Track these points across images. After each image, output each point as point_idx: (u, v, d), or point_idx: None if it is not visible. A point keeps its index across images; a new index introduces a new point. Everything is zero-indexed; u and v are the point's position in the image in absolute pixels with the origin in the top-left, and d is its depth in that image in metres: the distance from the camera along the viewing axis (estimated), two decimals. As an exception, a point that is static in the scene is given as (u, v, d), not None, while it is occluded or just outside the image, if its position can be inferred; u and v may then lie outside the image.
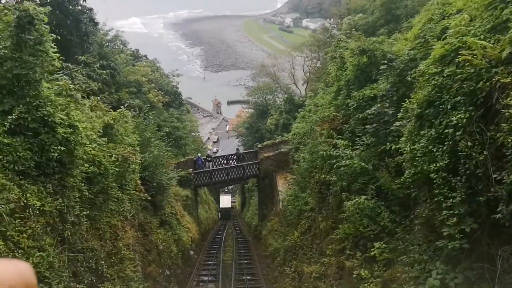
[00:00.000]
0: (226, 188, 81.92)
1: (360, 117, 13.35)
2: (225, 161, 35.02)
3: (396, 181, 10.06)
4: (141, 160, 16.82)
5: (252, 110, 71.34)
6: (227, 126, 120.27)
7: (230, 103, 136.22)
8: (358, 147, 12.72)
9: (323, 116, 14.92)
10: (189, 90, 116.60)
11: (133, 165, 15.14)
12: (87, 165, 9.22)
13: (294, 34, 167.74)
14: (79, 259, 8.90)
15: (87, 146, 8.94)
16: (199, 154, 34.84)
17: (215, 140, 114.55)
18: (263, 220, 34.63)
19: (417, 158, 7.47)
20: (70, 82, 11.52)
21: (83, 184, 9.34)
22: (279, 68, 76.15)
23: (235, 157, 35.00)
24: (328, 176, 13.81)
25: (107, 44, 34.78)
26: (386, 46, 14.58)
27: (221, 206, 54.59)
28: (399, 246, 9.54)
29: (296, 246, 17.96)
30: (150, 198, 16.50)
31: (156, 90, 37.32)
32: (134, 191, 14.90)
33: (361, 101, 13.68)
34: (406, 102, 8.94)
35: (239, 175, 33.88)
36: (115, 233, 12.46)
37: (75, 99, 11.62)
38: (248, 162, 34.57)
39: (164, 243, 17.38)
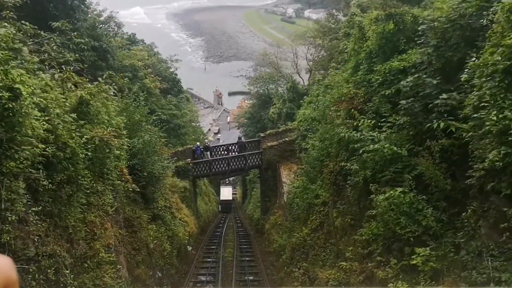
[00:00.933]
0: (227, 179, 79.85)
1: (386, 93, 11.04)
2: (226, 151, 32.69)
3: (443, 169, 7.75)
4: (128, 146, 14.54)
5: (254, 100, 69.28)
6: (228, 117, 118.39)
7: (231, 94, 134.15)
8: (384, 129, 10.42)
9: (341, 94, 12.59)
10: (190, 81, 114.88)
11: (118, 151, 12.87)
12: (43, 146, 6.92)
13: (296, 24, 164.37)
14: (31, 270, 6.64)
15: (38, 120, 6.63)
16: (198, 143, 32.54)
17: (216, 131, 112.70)
18: (266, 213, 32.40)
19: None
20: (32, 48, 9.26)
21: (37, 171, 7.07)
22: (281, 57, 73.88)
23: (236, 147, 32.68)
24: (347, 164, 11.50)
25: (100, 26, 32.37)
26: (416, 12, 12.21)
27: (221, 199, 51.91)
28: (449, 254, 7.28)
29: (306, 245, 15.72)
30: (138, 190, 14.22)
31: (153, 76, 34.94)
32: (119, 182, 12.62)
33: (388, 75, 11.36)
34: (473, 60, 6.59)
35: (240, 166, 31.59)
36: (92, 231, 10.20)
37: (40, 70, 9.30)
38: (250, 151, 32.27)
39: (155, 241, 15.13)
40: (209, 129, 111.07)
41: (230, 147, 32.84)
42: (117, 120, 12.69)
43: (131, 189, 13.85)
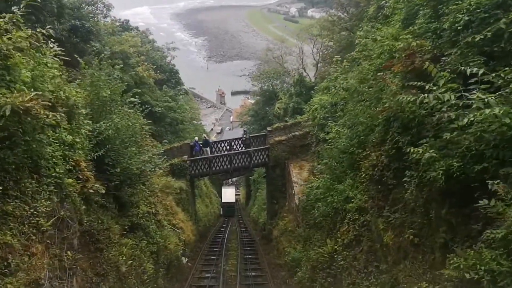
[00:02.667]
0: (230, 180, 75.10)
1: (476, 39, 6.89)
2: (228, 147, 28.53)
3: None
4: (91, 132, 10.46)
5: (258, 97, 65.70)
6: (231, 117, 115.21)
7: (234, 93, 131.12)
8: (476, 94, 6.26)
9: (398, 49, 8.43)
10: (192, 80, 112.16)
11: (70, 136, 8.78)
12: None
13: (299, 24, 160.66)
14: None
15: None
16: (196, 138, 28.37)
17: (219, 131, 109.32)
18: (274, 217, 28.24)
19: None
20: None
21: None
22: (286, 51, 70.28)
23: (240, 142, 28.54)
24: (407, 151, 7.30)
25: (86, 7, 28.41)
26: None
27: (223, 201, 47.05)
28: None
29: (334, 265, 11.56)
30: (104, 191, 10.07)
31: (146, 64, 30.87)
32: (70, 180, 8.53)
33: (476, 12, 7.21)
34: None
35: (244, 164, 27.43)
36: (5, 262, 6.11)
37: None
38: (256, 147, 28.13)
39: (131, 261, 10.98)
40: (212, 129, 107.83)
41: (233, 143, 28.67)
42: (67, 91, 8.58)
43: (94, 191, 9.73)
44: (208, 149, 27.65)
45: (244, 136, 28.39)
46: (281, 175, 28.28)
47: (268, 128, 29.45)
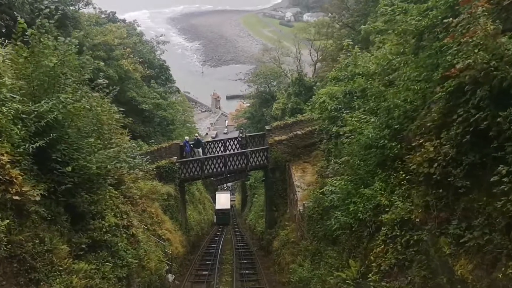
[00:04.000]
0: (225, 185, 71.34)
1: None
2: (222, 148, 25.39)
3: None
4: (28, 115, 7.33)
5: (254, 99, 63.09)
6: (226, 121, 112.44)
7: (229, 98, 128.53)
8: None
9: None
10: (187, 84, 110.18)
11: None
12: None
13: (294, 28, 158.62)
14: None
15: None
16: (186, 138, 25.19)
17: (214, 135, 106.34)
18: (273, 226, 25.10)
19: None
20: None
21: None
22: (284, 52, 67.88)
23: (236, 142, 25.44)
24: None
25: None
26: None
27: (217, 207, 42.79)
28: None
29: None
30: (38, 198, 6.90)
31: (133, 57, 27.76)
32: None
33: None
34: None
35: (240, 166, 24.29)
36: None
37: None
38: (253, 148, 25.05)
39: (85, 295, 7.82)
40: (207, 133, 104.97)
41: (228, 143, 25.56)
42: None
43: (19, 198, 6.57)
44: (200, 150, 24.53)
45: (241, 135, 25.30)
46: (281, 179, 25.21)
47: (267, 127, 26.44)
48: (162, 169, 22.32)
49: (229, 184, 72.21)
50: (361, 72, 12.73)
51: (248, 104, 69.41)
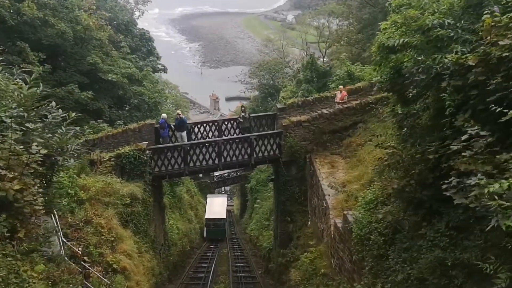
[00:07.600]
0: (223, 189, 62.18)
1: None
2: (216, 132, 17.57)
3: None
4: None
5: (256, 92, 56.46)
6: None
7: (228, 99, 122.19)
8: None
9: None
10: (185, 85, 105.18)
11: None
12: None
13: (296, 30, 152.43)
14: None
15: None
16: (164, 115, 17.15)
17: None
18: (287, 244, 17.21)
19: None
20: None
21: None
22: (288, 43, 61.13)
23: (235, 124, 17.68)
24: None
25: None
26: None
27: (207, 216, 32.04)
28: None
29: None
30: None
31: (94, 9, 20.03)
32: None
33: None
34: None
35: (241, 157, 16.53)
36: None
37: None
38: (259, 132, 17.31)
39: None
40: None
41: (224, 125, 17.75)
42: None
43: None
44: (184, 133, 16.72)
45: (243, 114, 17.47)
46: (298, 177, 17.44)
47: (279, 105, 18.73)
48: (123, 159, 14.59)
49: (227, 188, 63.55)
50: None
51: (248, 102, 61.86)
